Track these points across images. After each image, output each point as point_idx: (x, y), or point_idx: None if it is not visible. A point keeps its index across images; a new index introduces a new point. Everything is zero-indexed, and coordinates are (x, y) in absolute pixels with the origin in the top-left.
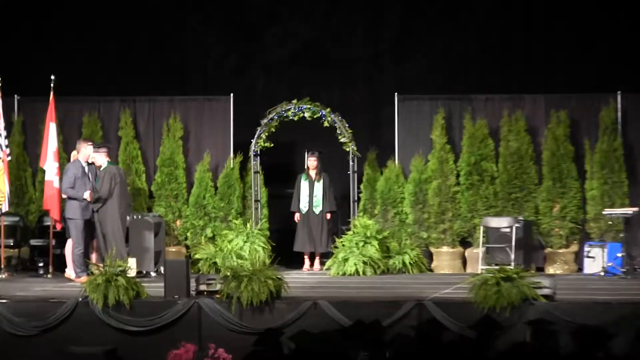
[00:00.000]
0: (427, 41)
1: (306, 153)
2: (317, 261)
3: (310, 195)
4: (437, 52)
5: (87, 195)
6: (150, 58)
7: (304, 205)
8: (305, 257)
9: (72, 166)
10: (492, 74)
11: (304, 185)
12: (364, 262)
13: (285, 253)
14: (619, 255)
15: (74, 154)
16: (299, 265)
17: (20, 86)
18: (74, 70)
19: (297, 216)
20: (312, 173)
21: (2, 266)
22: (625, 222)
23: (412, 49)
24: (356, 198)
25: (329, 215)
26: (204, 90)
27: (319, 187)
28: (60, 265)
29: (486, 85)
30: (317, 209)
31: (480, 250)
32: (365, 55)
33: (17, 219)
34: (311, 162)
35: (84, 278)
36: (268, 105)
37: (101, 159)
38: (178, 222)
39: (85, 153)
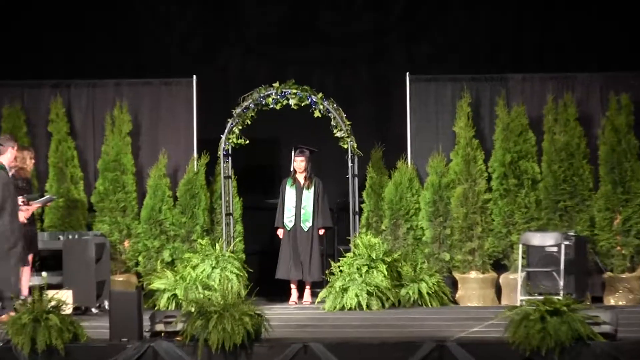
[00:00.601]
0: (448, 7)
1: (292, 152)
2: (307, 292)
3: (298, 206)
4: (460, 21)
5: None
6: (90, 30)
7: (289, 220)
8: (292, 287)
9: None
10: (531, 46)
11: (290, 193)
12: (369, 293)
13: (266, 282)
14: None
15: None
16: (284, 297)
17: None
18: None
19: (280, 233)
20: (300, 178)
21: None
22: None
23: (428, 17)
24: (357, 209)
25: (322, 232)
26: (161, 72)
27: (308, 195)
28: None
29: (524, 60)
30: (306, 225)
31: (519, 276)
32: (368, 27)
33: None
34: (298, 163)
35: (4, 316)
36: (243, 90)
37: None
38: (126, 243)
39: (10, 156)
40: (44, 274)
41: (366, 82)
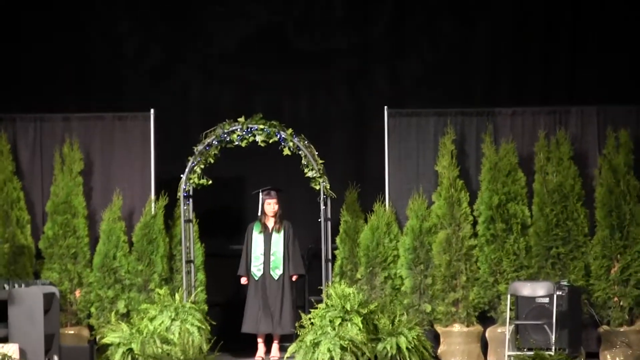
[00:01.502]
0: (431, 32)
1: (260, 193)
2: (274, 347)
3: (267, 253)
4: (444, 47)
5: None
6: (36, 58)
7: (257, 268)
8: (259, 341)
9: None
10: (521, 77)
11: (258, 239)
12: (342, 348)
13: (230, 335)
14: None
15: None
16: (249, 352)
17: None
18: None
19: (244, 281)
20: (270, 221)
21: None
22: None
23: (410, 43)
24: (330, 256)
25: (294, 278)
26: (114, 104)
27: (278, 240)
28: None
29: (514, 94)
30: (277, 273)
31: (507, 329)
32: (345, 50)
33: None
34: (272, 206)
35: None
36: (205, 121)
37: None
38: (78, 293)
39: None
40: None
41: (341, 114)
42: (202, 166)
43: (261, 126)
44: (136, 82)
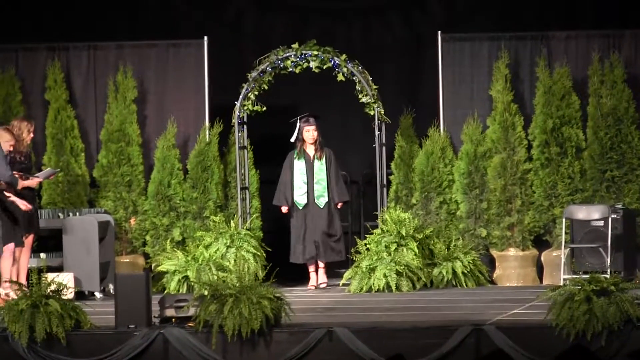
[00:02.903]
0: None
1: (298, 121)
2: (321, 273)
3: (310, 181)
4: None
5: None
6: None
7: (300, 197)
8: (311, 270)
9: None
10: (575, 1)
11: (299, 167)
12: (398, 273)
13: (286, 262)
14: None
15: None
16: (305, 279)
17: None
18: None
19: (285, 210)
20: (310, 149)
21: None
22: None
23: None
24: (385, 182)
25: (339, 205)
26: (167, 32)
27: (321, 168)
28: None
29: (567, 17)
30: (322, 201)
31: (562, 253)
32: None
33: None
34: (310, 133)
35: None
36: (259, 51)
37: None
38: (133, 221)
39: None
40: (42, 255)
41: (395, 41)
42: (256, 93)
43: (315, 52)
44: (189, 9)
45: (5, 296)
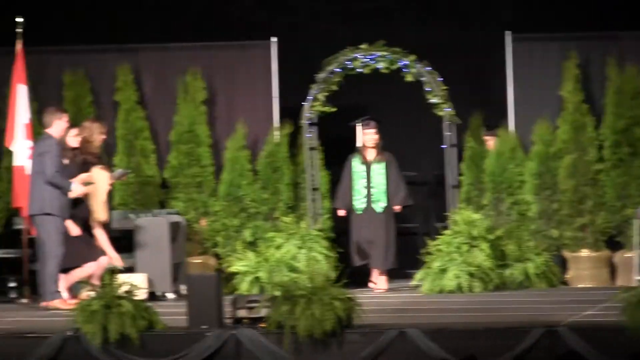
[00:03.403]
0: None
1: (358, 125)
2: (382, 280)
3: (368, 185)
4: None
5: (76, 187)
6: None
7: (359, 201)
8: (374, 272)
9: (53, 142)
10: None
11: (359, 171)
12: (470, 274)
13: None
14: None
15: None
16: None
17: None
18: (49, 8)
19: (341, 213)
20: (370, 153)
21: None
22: None
23: None
24: (456, 183)
25: (398, 209)
26: (237, 33)
27: (379, 172)
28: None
29: (638, 17)
30: (379, 205)
31: (635, 254)
32: None
33: None
34: (370, 136)
35: (57, 301)
36: (328, 52)
37: None
38: (203, 222)
39: (61, 127)
40: None
41: (463, 41)
42: (325, 94)
43: (383, 53)
44: (258, 10)
45: (86, 297)
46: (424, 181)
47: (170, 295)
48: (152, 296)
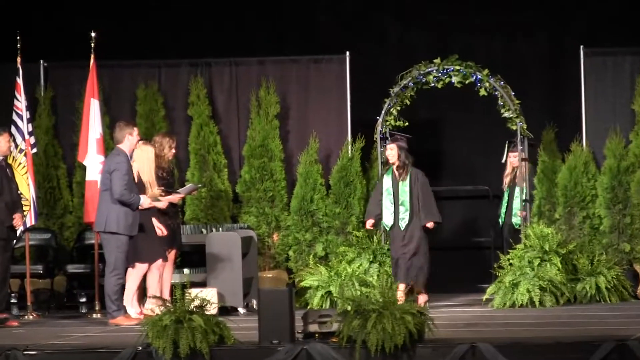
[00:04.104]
0: None
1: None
2: (420, 297)
3: (396, 202)
4: None
5: (144, 200)
6: (230, 1)
7: (388, 218)
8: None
9: (123, 158)
10: None
11: (388, 188)
12: (541, 288)
13: (429, 277)
14: None
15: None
16: (452, 294)
17: (48, 48)
18: (122, 23)
19: (369, 224)
20: (396, 170)
21: (29, 303)
22: None
23: None
24: (528, 197)
25: (430, 225)
26: (309, 47)
27: (404, 190)
28: None
29: None
30: (403, 224)
31: None
32: None
33: (47, 236)
34: (389, 152)
35: (119, 318)
36: (400, 66)
37: None
38: (275, 237)
39: (132, 142)
40: (186, 271)
41: (537, 52)
42: (399, 108)
43: (457, 67)
44: (331, 25)
45: (150, 311)
46: (496, 195)
47: (242, 310)
48: (224, 311)
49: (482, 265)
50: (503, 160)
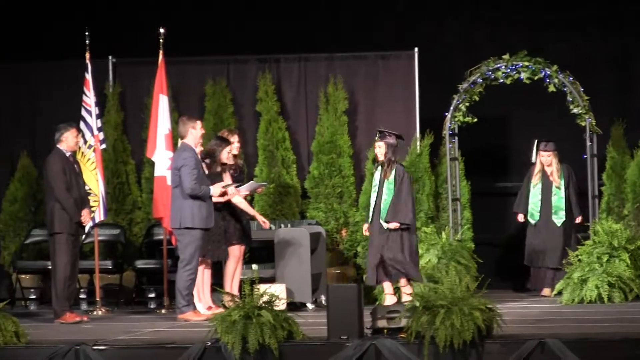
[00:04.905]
0: None
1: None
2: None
3: (378, 199)
4: None
5: (215, 190)
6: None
7: (368, 215)
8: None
9: (189, 153)
10: None
11: (375, 183)
12: (610, 284)
13: (498, 273)
14: None
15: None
16: (518, 289)
17: (117, 44)
18: (190, 19)
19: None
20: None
21: (98, 298)
22: None
23: None
24: (597, 193)
25: (392, 226)
26: (377, 43)
27: (389, 187)
28: None
29: None
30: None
31: None
32: None
33: (116, 231)
34: (377, 149)
35: (189, 314)
36: (468, 62)
37: None
38: (344, 233)
39: (196, 135)
40: (254, 266)
41: (606, 48)
42: (467, 104)
43: (526, 63)
44: (398, 21)
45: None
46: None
47: (310, 306)
48: (292, 306)
49: None
50: (533, 160)
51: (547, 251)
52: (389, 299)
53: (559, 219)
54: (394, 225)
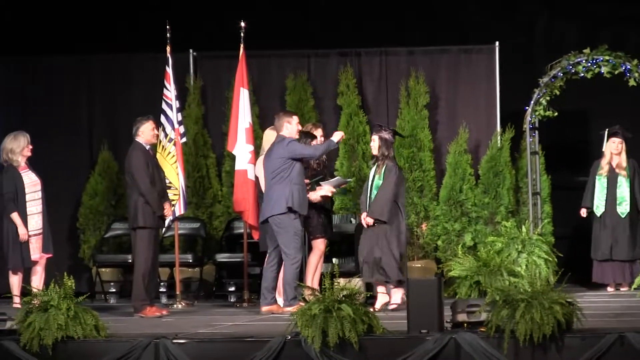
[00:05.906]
0: None
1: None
2: (393, 293)
3: (370, 195)
4: None
5: (336, 136)
6: None
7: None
8: (379, 290)
9: (289, 140)
10: None
11: (369, 178)
12: None
13: (579, 267)
14: None
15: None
16: (600, 284)
17: (198, 38)
18: (271, 12)
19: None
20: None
21: (178, 292)
22: None
23: None
24: None
25: (370, 221)
26: (458, 37)
27: (378, 183)
28: (259, 290)
29: None
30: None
31: None
32: None
33: (197, 225)
34: (372, 143)
35: (295, 307)
36: (549, 56)
37: None
38: (424, 226)
39: (292, 130)
40: (334, 260)
41: None
42: (548, 98)
43: (607, 57)
44: (481, 15)
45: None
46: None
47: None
48: (371, 300)
49: None
50: (603, 149)
51: (613, 243)
52: (381, 298)
53: (622, 210)
54: (370, 220)
